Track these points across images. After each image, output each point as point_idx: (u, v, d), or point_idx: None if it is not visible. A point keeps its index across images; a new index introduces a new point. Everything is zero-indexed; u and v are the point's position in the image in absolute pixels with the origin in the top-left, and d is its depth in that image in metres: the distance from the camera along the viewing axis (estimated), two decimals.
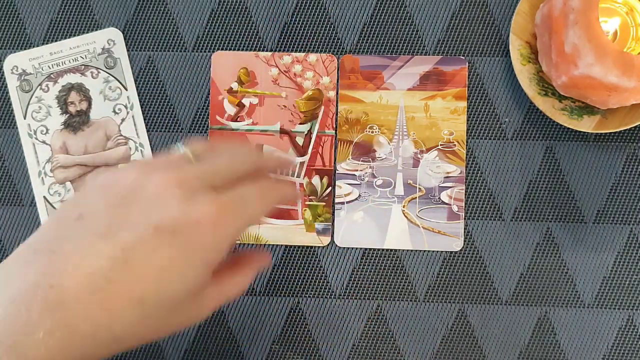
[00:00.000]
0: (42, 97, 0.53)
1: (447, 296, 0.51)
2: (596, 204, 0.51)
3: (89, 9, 0.53)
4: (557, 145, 0.51)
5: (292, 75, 0.53)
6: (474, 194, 0.52)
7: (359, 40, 0.53)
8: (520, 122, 0.52)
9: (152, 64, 0.53)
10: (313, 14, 0.53)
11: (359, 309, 0.52)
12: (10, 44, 0.54)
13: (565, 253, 0.51)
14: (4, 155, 0.53)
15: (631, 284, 0.51)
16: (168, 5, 0.53)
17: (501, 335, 0.51)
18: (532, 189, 0.51)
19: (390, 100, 0.52)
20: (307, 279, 0.52)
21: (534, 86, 0.50)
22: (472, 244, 0.51)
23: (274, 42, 0.53)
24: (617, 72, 0.43)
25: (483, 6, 0.52)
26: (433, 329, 0.51)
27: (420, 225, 0.52)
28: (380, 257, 0.52)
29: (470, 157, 0.52)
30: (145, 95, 0.53)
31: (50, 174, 0.53)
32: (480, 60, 0.52)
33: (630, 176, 0.51)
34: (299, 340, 0.52)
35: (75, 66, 0.53)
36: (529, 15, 0.50)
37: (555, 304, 0.51)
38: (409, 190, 0.52)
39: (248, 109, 0.53)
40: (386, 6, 0.53)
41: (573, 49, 0.44)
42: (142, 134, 0.53)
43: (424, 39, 0.52)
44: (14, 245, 0.53)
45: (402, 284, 0.51)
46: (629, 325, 0.51)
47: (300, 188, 0.52)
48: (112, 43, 0.53)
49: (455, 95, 0.52)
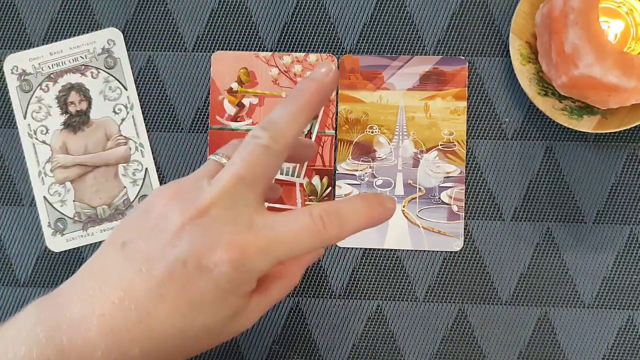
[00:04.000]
0: (42, 97, 0.53)
1: (447, 296, 0.51)
2: (596, 204, 0.51)
3: (89, 9, 0.53)
4: (557, 145, 0.51)
5: (292, 75, 0.53)
6: (474, 194, 0.52)
7: (359, 40, 0.53)
8: (520, 122, 0.52)
9: (152, 64, 0.53)
10: (313, 14, 0.53)
11: (359, 309, 0.52)
12: (10, 44, 0.54)
13: (565, 253, 0.51)
14: (4, 155, 0.53)
15: (631, 284, 0.51)
16: (168, 5, 0.53)
17: (501, 335, 0.51)
18: (532, 189, 0.51)
19: (390, 100, 0.52)
20: (307, 279, 0.52)
21: (534, 86, 0.50)
22: (472, 244, 0.51)
23: (274, 42, 0.53)
24: (617, 72, 0.43)
25: (483, 6, 0.52)
26: (433, 329, 0.51)
27: (420, 225, 0.52)
28: (380, 257, 0.52)
29: (470, 157, 0.52)
30: (145, 95, 0.53)
31: (50, 174, 0.53)
32: (480, 60, 0.52)
33: (630, 176, 0.51)
34: (299, 340, 0.52)
35: (75, 66, 0.53)
36: (529, 15, 0.50)
37: (555, 304, 0.51)
38: (409, 190, 0.52)
39: (248, 109, 0.53)
40: (386, 6, 0.53)
41: (573, 49, 0.44)
42: (142, 134, 0.53)
43: (424, 39, 0.52)
44: (14, 245, 0.53)
45: (402, 284, 0.51)
46: (629, 325, 0.51)
47: (300, 187, 0.52)
48: (112, 43, 0.53)
49: (455, 95, 0.52)
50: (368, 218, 0.36)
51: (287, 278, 0.38)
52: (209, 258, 0.32)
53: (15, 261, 0.53)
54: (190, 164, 0.53)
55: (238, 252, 0.33)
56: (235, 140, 0.39)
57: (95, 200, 0.53)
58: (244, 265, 0.33)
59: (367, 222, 0.36)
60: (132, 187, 0.53)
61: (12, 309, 0.53)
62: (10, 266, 0.53)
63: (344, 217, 0.35)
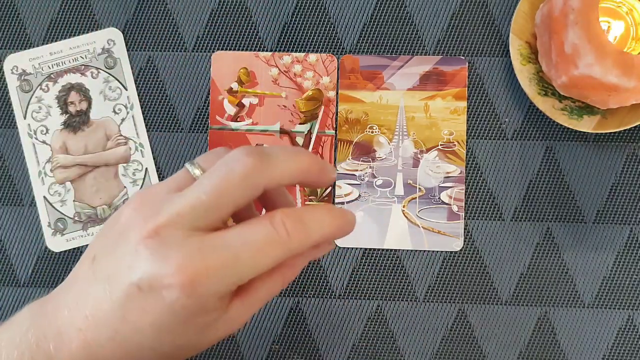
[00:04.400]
0: (42, 97, 0.53)
1: (447, 296, 0.51)
2: (596, 204, 0.51)
3: (89, 9, 0.53)
4: (557, 145, 0.51)
5: (292, 75, 0.53)
6: (474, 194, 0.52)
7: (359, 40, 0.53)
8: (520, 122, 0.52)
9: (152, 64, 0.53)
10: (313, 14, 0.53)
11: (359, 309, 0.52)
12: (10, 44, 0.54)
13: (565, 253, 0.51)
14: (4, 155, 0.53)
15: (631, 284, 0.51)
16: (168, 5, 0.53)
17: (501, 335, 0.51)
18: (532, 189, 0.51)
19: (390, 100, 0.52)
20: (307, 279, 0.52)
21: (534, 86, 0.50)
22: (472, 244, 0.51)
23: (274, 42, 0.53)
24: (617, 72, 0.43)
25: (483, 6, 0.52)
26: (433, 329, 0.51)
27: (420, 225, 0.52)
28: (380, 257, 0.52)
29: (470, 157, 0.52)
30: (145, 95, 0.53)
31: (50, 174, 0.53)
32: (480, 60, 0.52)
33: (630, 176, 0.51)
34: (299, 340, 0.52)
35: (75, 66, 0.53)
36: (529, 15, 0.50)
37: (555, 304, 0.51)
38: (409, 190, 0.52)
39: (248, 109, 0.53)
40: (386, 6, 0.53)
41: (573, 49, 0.44)
42: (142, 134, 0.53)
43: (423, 39, 0.52)
44: (14, 245, 0.53)
45: (402, 284, 0.51)
46: (629, 325, 0.51)
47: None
48: (112, 43, 0.53)
49: (455, 95, 0.52)
50: (332, 226, 0.33)
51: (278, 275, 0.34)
52: (159, 283, 0.30)
53: (15, 261, 0.53)
54: None
55: (187, 278, 0.30)
56: (220, 149, 0.35)
57: (95, 200, 0.53)
58: (195, 291, 0.30)
59: (331, 230, 0.33)
60: (132, 187, 0.53)
61: (13, 309, 0.53)
62: (10, 266, 0.53)
63: (308, 223, 0.32)
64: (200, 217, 0.31)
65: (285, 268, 0.34)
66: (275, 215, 0.31)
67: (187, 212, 0.31)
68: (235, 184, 0.31)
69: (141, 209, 0.32)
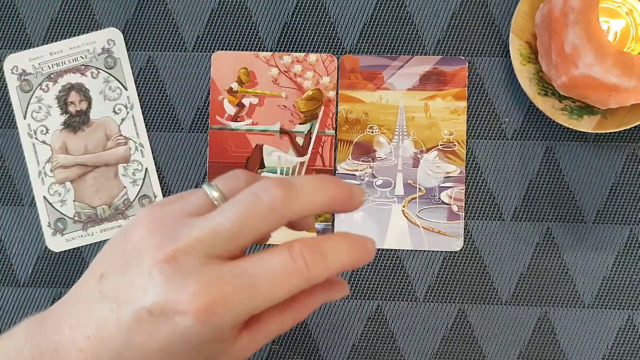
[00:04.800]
0: (42, 97, 0.53)
1: (447, 296, 0.51)
2: (596, 204, 0.51)
3: (89, 9, 0.53)
4: (557, 145, 0.51)
5: (292, 75, 0.53)
6: (474, 194, 0.52)
7: (359, 40, 0.53)
8: (520, 122, 0.52)
9: (152, 64, 0.53)
10: (313, 14, 0.53)
11: (359, 309, 0.52)
12: (10, 44, 0.54)
13: (565, 253, 0.51)
14: (4, 155, 0.53)
15: (631, 284, 0.51)
16: (168, 5, 0.53)
17: (501, 335, 0.51)
18: (532, 189, 0.51)
19: (390, 100, 0.52)
20: None
21: (534, 86, 0.50)
22: (472, 244, 0.51)
23: (274, 42, 0.53)
24: (617, 72, 0.43)
25: (483, 6, 0.52)
26: (433, 329, 0.51)
27: (420, 225, 0.52)
28: (380, 257, 0.52)
29: (470, 157, 0.52)
30: (145, 95, 0.53)
31: (50, 174, 0.53)
32: (480, 60, 0.52)
33: (630, 176, 0.51)
34: (299, 340, 0.52)
35: (75, 66, 0.53)
36: (529, 15, 0.50)
37: (555, 304, 0.51)
38: (409, 190, 0.52)
39: (248, 109, 0.53)
40: (386, 6, 0.53)
41: (573, 49, 0.44)
42: (142, 134, 0.53)
43: (423, 39, 0.52)
44: (14, 245, 0.53)
45: (402, 284, 0.51)
46: (629, 325, 0.51)
47: None
48: (112, 43, 0.53)
49: (455, 95, 0.52)
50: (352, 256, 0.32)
51: (290, 312, 0.34)
52: (173, 309, 0.30)
53: (15, 261, 0.53)
54: (190, 164, 0.53)
55: (203, 306, 0.29)
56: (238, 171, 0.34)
57: (95, 200, 0.53)
58: (209, 320, 0.30)
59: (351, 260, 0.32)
60: (132, 187, 0.53)
61: (12, 309, 0.53)
62: (10, 266, 0.53)
63: (327, 253, 0.31)
64: (221, 245, 0.31)
65: (298, 305, 0.34)
66: (293, 245, 0.31)
67: (207, 238, 0.30)
68: (261, 215, 0.31)
69: (156, 231, 0.31)
